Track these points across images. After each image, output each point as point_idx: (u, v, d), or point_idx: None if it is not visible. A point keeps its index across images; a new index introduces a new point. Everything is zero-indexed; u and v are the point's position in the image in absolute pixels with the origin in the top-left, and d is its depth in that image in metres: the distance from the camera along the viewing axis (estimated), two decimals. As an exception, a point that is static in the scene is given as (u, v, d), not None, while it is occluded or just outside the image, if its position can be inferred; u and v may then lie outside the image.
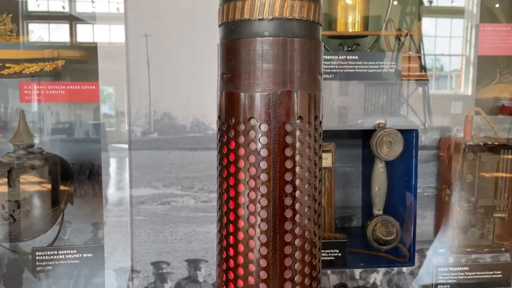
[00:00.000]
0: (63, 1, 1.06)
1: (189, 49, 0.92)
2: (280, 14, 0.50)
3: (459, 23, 1.07)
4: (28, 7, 1.04)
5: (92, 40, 1.10)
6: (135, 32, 0.90)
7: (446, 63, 1.13)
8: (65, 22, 1.10)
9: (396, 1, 1.17)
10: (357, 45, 1.03)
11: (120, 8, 0.92)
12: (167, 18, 0.91)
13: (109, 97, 1.06)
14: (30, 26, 1.10)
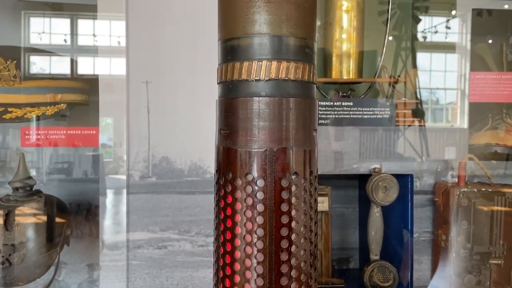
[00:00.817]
0: (65, 35, 1.09)
1: (188, 95, 0.94)
2: (276, 75, 0.52)
3: (454, 57, 1.10)
4: (30, 40, 1.07)
5: (92, 72, 1.14)
6: (136, 79, 0.93)
7: (441, 96, 1.16)
8: (66, 55, 1.13)
9: (391, 36, 1.21)
10: (352, 90, 1.06)
11: (121, 42, 0.95)
12: (167, 66, 0.94)
13: (107, 128, 1.08)
14: (31, 58, 1.13)
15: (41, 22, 1.05)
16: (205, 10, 0.94)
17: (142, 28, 0.94)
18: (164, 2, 0.94)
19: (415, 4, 1.19)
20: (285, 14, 0.52)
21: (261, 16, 0.52)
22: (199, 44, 0.94)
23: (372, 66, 1.18)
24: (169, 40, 0.94)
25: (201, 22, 0.94)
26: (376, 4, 1.18)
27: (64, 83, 1.05)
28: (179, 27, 0.94)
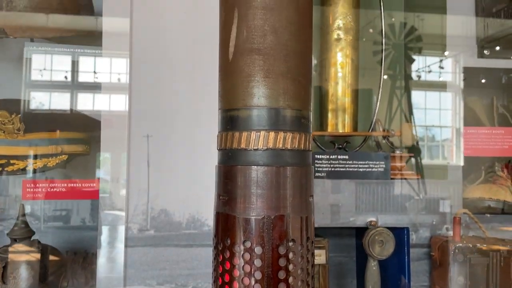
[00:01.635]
0: (66, 72, 1.12)
1: (187, 149, 0.96)
2: (273, 145, 0.54)
3: (447, 96, 1.13)
4: (32, 77, 1.09)
5: (92, 108, 1.16)
6: (137, 133, 0.96)
7: (437, 133, 1.18)
8: (66, 91, 1.15)
9: (386, 75, 1.25)
10: (347, 142, 1.09)
11: (121, 79, 0.97)
12: (168, 120, 0.97)
13: (105, 162, 1.09)
14: (32, 94, 1.15)
15: (43, 59, 1.08)
16: (205, 67, 0.97)
17: (144, 86, 0.97)
18: (165, 59, 0.98)
19: (409, 45, 1.24)
20: (282, 88, 0.55)
21: (260, 90, 0.55)
22: (200, 100, 0.98)
23: (368, 111, 1.21)
24: (171, 95, 0.98)
25: (201, 79, 0.98)
26: (371, 44, 1.22)
27: (67, 134, 1.08)
28: (180, 83, 0.98)
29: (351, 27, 1.07)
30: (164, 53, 0.98)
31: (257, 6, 0.55)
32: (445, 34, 1.08)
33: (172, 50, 0.99)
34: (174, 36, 0.99)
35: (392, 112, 1.26)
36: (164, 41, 0.99)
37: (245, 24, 0.55)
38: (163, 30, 0.98)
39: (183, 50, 0.98)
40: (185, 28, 0.99)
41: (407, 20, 1.26)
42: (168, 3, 0.99)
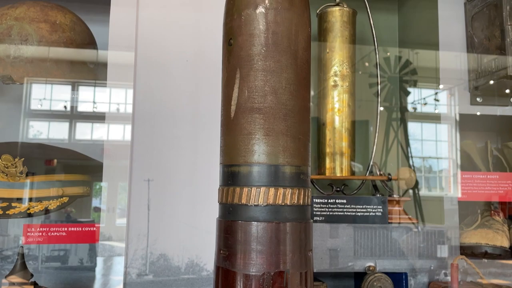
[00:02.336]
0: (65, 101, 1.13)
1: (188, 194, 0.98)
2: (273, 201, 0.56)
3: (444, 128, 1.15)
4: (31, 106, 1.11)
5: (90, 138, 1.18)
6: (138, 177, 0.97)
7: (434, 164, 1.20)
8: (65, 121, 1.17)
9: (382, 107, 1.28)
10: (345, 185, 1.10)
11: (121, 109, 0.99)
12: (169, 165, 0.99)
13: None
14: (30, 123, 1.17)
15: (43, 88, 1.11)
16: (205, 116, 1.00)
17: (146, 129, 0.99)
18: (166, 109, 1.01)
19: (404, 78, 1.28)
20: (282, 146, 0.57)
21: (260, 147, 0.57)
22: (200, 145, 1.00)
23: (365, 144, 1.24)
24: (172, 140, 1.00)
25: (201, 126, 1.00)
26: (367, 77, 1.26)
27: (68, 176, 1.09)
28: (181, 130, 1.00)
29: (347, 74, 1.10)
30: (166, 101, 1.01)
31: (258, 68, 0.58)
32: (439, 68, 1.12)
33: (174, 98, 1.02)
34: (177, 84, 1.02)
35: (389, 143, 1.28)
36: (165, 92, 1.02)
37: (246, 84, 0.58)
38: (165, 96, 1.02)
39: (186, 98, 1.01)
40: (187, 77, 1.02)
41: (402, 54, 1.30)
42: (173, 45, 1.03)
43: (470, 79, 1.07)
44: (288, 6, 0.59)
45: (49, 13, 1.03)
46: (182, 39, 1.03)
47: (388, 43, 1.33)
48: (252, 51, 0.58)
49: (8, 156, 1.00)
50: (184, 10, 1.04)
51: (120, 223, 1.04)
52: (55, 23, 1.02)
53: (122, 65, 1.00)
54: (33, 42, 0.99)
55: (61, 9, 1.06)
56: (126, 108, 1.00)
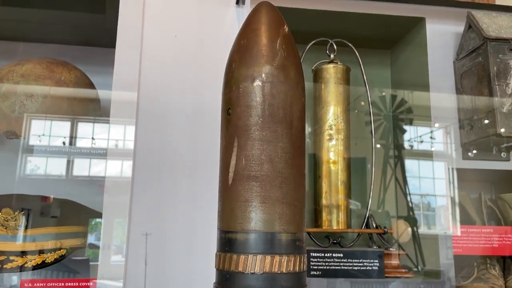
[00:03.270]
0: (64, 137, 1.14)
1: (186, 249, 0.98)
2: (269, 269, 0.57)
3: (441, 165, 1.16)
4: (30, 141, 1.12)
5: (87, 174, 1.19)
6: (136, 231, 0.98)
7: (432, 201, 1.21)
8: (63, 157, 1.18)
9: (379, 145, 1.30)
10: (342, 237, 1.11)
11: (119, 145, 1.01)
12: (167, 218, 1.00)
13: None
14: (28, 158, 1.18)
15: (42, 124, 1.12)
16: (204, 170, 1.02)
17: (146, 187, 1.01)
18: (166, 167, 1.03)
19: (399, 116, 1.31)
20: (278, 213, 0.59)
21: (257, 215, 0.59)
22: (198, 200, 1.01)
23: (362, 184, 1.25)
24: (170, 195, 1.02)
25: (200, 181, 1.02)
26: (363, 115, 1.29)
27: (66, 228, 1.10)
28: (180, 184, 1.02)
29: (342, 128, 1.13)
30: (165, 157, 1.03)
31: (255, 138, 0.60)
32: (434, 99, 1.15)
33: (174, 150, 1.04)
34: (176, 139, 1.05)
35: (386, 181, 1.29)
36: (165, 146, 1.04)
37: (244, 153, 0.61)
38: (166, 143, 1.05)
39: (184, 152, 1.04)
40: (186, 131, 1.05)
41: (397, 92, 1.34)
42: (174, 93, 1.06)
43: (461, 134, 1.10)
44: (283, 79, 0.62)
45: (55, 69, 1.07)
46: (182, 95, 1.07)
47: (381, 84, 1.37)
48: (250, 121, 0.61)
49: (8, 210, 1.01)
50: (186, 69, 1.08)
51: (115, 260, 1.04)
52: (60, 79, 1.06)
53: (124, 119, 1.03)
54: (38, 98, 1.03)
55: (66, 66, 1.10)
56: (124, 143, 1.02)
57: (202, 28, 1.11)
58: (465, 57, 1.10)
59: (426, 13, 1.18)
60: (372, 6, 1.19)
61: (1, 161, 1.19)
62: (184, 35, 1.10)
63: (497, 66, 0.98)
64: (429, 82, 1.15)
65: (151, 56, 1.07)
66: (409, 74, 1.29)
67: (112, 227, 1.00)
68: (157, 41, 1.08)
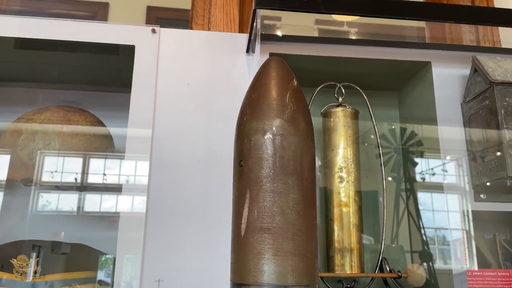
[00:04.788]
0: (76, 174, 1.16)
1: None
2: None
3: (454, 198, 1.15)
4: (42, 178, 1.13)
5: (98, 210, 1.21)
6: (149, 278, 0.98)
7: (447, 235, 1.18)
8: (75, 192, 1.19)
9: (390, 177, 1.29)
10: (355, 281, 1.10)
11: (130, 181, 1.02)
12: (180, 264, 1.00)
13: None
14: (41, 194, 1.19)
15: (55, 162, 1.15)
16: (215, 216, 1.03)
17: (159, 226, 1.02)
18: (178, 210, 1.05)
19: (410, 148, 1.31)
20: (290, 266, 0.59)
21: (270, 267, 0.59)
22: (210, 247, 1.02)
23: (375, 218, 1.24)
24: (183, 239, 1.02)
25: (211, 226, 1.03)
26: (373, 148, 1.29)
27: (79, 274, 1.11)
28: (191, 229, 1.03)
29: (353, 170, 1.14)
30: (177, 202, 1.05)
31: (266, 190, 0.62)
32: (443, 138, 1.16)
33: (186, 193, 1.06)
34: (188, 185, 1.06)
35: (399, 215, 1.28)
36: (177, 191, 1.06)
37: (256, 204, 0.62)
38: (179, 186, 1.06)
39: (196, 197, 1.05)
40: (198, 177, 1.07)
41: (406, 125, 1.35)
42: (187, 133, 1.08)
43: (472, 176, 1.11)
44: (293, 132, 0.64)
45: (72, 118, 1.11)
46: (194, 140, 1.10)
47: (390, 119, 1.39)
48: (261, 173, 0.63)
49: (23, 256, 1.02)
50: (197, 114, 1.11)
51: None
52: (76, 127, 1.10)
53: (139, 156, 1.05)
54: (55, 146, 1.06)
55: (82, 113, 1.15)
56: (136, 179, 1.04)
57: (214, 75, 1.15)
58: (472, 100, 1.11)
59: (432, 57, 1.21)
60: (377, 52, 1.22)
61: (15, 202, 1.22)
62: (196, 83, 1.14)
63: (504, 109, 1.00)
64: (437, 122, 1.16)
65: (164, 102, 1.11)
66: (417, 114, 1.31)
67: (123, 264, 1.01)
68: (170, 88, 1.12)
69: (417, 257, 1.23)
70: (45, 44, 1.18)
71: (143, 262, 0.99)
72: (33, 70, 1.32)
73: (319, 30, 1.74)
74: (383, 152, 1.30)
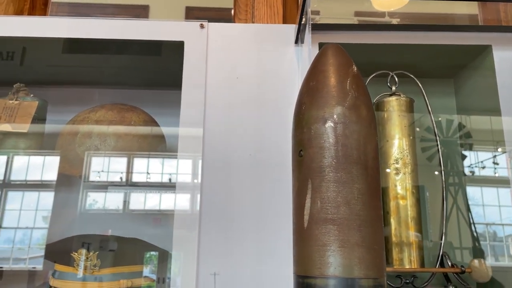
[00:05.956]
0: (121, 173, 1.19)
1: None
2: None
3: (506, 192, 1.09)
4: (90, 178, 1.17)
5: (143, 207, 1.25)
6: (205, 271, 0.99)
7: (499, 230, 1.12)
8: (121, 191, 1.23)
9: (437, 172, 1.23)
10: (415, 277, 1.06)
11: (173, 179, 1.04)
12: (235, 257, 1.00)
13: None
14: (89, 194, 1.24)
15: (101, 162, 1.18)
16: (269, 209, 1.02)
17: (213, 223, 1.02)
18: (232, 208, 1.04)
19: (458, 141, 1.25)
20: (357, 258, 0.57)
21: (336, 259, 0.57)
22: (264, 240, 1.01)
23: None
24: (237, 233, 1.02)
25: (266, 219, 1.02)
26: (418, 141, 1.23)
27: (136, 268, 1.13)
28: (246, 223, 1.02)
29: (409, 162, 1.10)
30: (230, 198, 1.04)
31: (329, 180, 0.60)
32: (495, 129, 1.09)
33: (239, 188, 1.05)
34: (240, 178, 1.06)
35: (448, 210, 1.23)
36: (230, 185, 1.06)
37: (318, 195, 0.60)
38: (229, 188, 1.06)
39: (249, 191, 1.05)
40: (249, 171, 1.06)
41: (462, 115, 1.28)
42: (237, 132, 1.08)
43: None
44: (356, 119, 0.62)
45: (125, 115, 1.13)
46: (245, 134, 1.09)
47: (446, 111, 1.33)
48: (323, 162, 0.61)
49: (83, 250, 1.05)
50: (247, 108, 1.11)
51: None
52: (130, 124, 1.12)
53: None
54: (110, 143, 1.09)
55: (135, 111, 1.17)
56: (188, 176, 1.04)
57: (262, 68, 1.13)
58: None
59: (492, 40, 1.14)
60: (433, 37, 1.17)
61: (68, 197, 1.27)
62: (245, 76, 1.13)
63: None
64: (500, 107, 1.09)
65: (214, 97, 1.11)
66: (476, 100, 1.24)
67: (179, 258, 1.02)
68: (220, 83, 1.12)
69: (468, 254, 1.17)
70: (96, 46, 1.22)
71: (199, 256, 1.00)
72: (85, 72, 1.36)
73: (359, 22, 1.69)
74: (431, 144, 1.24)
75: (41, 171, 1.26)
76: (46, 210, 1.25)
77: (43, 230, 1.25)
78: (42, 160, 1.26)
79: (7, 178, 1.23)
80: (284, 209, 1.00)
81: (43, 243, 1.23)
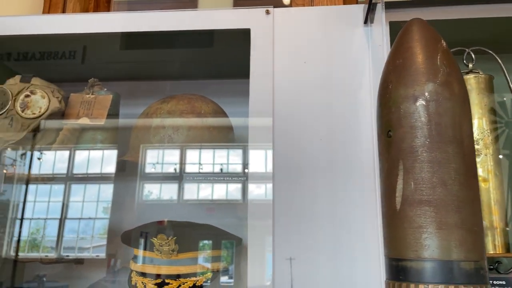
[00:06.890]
0: (175, 164, 1.21)
1: (332, 273, 0.97)
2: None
3: None
4: (146, 170, 1.21)
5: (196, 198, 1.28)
6: (281, 257, 0.99)
7: None
8: (174, 182, 1.26)
9: (502, 155, 1.15)
10: (499, 262, 1.01)
11: (254, 168, 1.05)
12: (311, 242, 1.00)
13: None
14: (145, 185, 1.28)
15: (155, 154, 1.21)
16: (342, 191, 1.01)
17: (286, 210, 1.03)
18: (305, 174, 1.04)
19: None
20: (457, 240, 0.55)
21: (434, 241, 0.55)
22: (339, 221, 1.00)
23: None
24: (312, 215, 1.01)
25: (339, 203, 1.01)
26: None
27: (211, 253, 1.16)
28: (320, 207, 1.02)
29: (491, 142, 1.04)
30: (303, 174, 1.04)
31: (423, 160, 0.58)
32: None
33: (311, 173, 1.05)
34: (312, 161, 1.05)
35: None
36: (302, 166, 1.05)
37: (412, 176, 0.58)
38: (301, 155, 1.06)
39: (321, 175, 1.04)
40: (321, 154, 1.05)
41: None
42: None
43: None
44: (448, 96, 0.59)
45: (195, 104, 1.16)
46: (315, 118, 1.08)
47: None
48: (415, 143, 0.59)
49: (162, 235, 1.09)
50: (317, 92, 1.09)
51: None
52: (200, 113, 1.15)
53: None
54: (183, 131, 1.12)
55: (204, 100, 1.19)
56: (261, 165, 1.05)
57: (331, 50, 1.11)
58: None
59: None
60: (508, 9, 1.09)
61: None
62: (313, 60, 1.11)
63: None
64: None
65: (282, 84, 1.10)
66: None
67: (255, 245, 1.03)
68: (287, 69, 1.11)
69: None
70: (152, 40, 1.25)
71: (274, 242, 1.00)
72: (142, 68, 1.40)
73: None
74: (493, 127, 1.16)
75: (100, 165, 1.31)
76: (106, 201, 1.30)
77: (103, 220, 1.30)
78: (101, 154, 1.30)
79: (70, 171, 1.29)
80: (358, 192, 0.98)
81: (104, 233, 1.28)
